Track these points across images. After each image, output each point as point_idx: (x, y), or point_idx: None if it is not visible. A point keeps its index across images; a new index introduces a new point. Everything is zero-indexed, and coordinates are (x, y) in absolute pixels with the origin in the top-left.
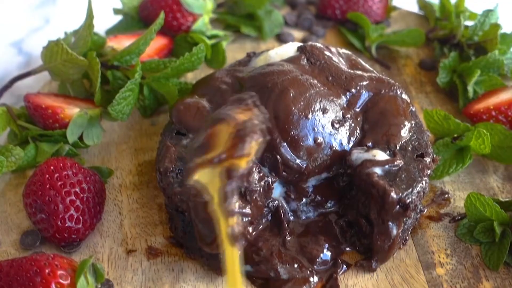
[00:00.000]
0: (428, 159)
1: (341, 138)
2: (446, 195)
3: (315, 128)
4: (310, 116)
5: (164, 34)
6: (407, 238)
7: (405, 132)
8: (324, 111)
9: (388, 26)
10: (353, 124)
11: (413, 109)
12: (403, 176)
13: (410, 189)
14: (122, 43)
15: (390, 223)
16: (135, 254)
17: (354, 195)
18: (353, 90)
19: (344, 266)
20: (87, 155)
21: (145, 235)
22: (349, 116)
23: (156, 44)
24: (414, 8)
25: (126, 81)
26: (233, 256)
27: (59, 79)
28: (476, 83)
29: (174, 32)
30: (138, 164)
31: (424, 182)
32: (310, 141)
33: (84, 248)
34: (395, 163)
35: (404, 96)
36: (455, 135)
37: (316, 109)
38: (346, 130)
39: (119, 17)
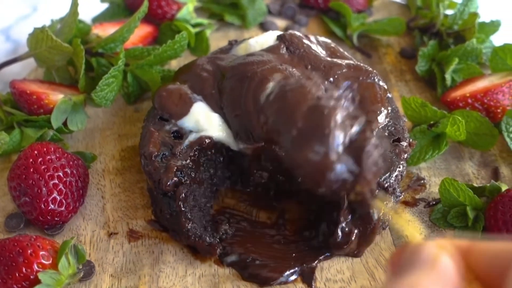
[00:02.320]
0: (404, 144)
1: None
2: (422, 181)
3: None
4: None
5: (149, 22)
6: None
7: (382, 118)
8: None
9: (371, 15)
10: None
11: (390, 96)
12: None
13: (388, 173)
14: (107, 30)
15: (370, 208)
16: (116, 237)
17: None
18: (331, 79)
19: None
20: (71, 140)
21: (127, 219)
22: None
23: (140, 32)
24: None
25: (110, 68)
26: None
27: (44, 66)
28: (454, 71)
29: (158, 20)
30: (121, 149)
31: (401, 166)
32: None
33: (67, 231)
34: None
35: (381, 83)
36: (432, 122)
37: None
38: None
39: (105, 5)
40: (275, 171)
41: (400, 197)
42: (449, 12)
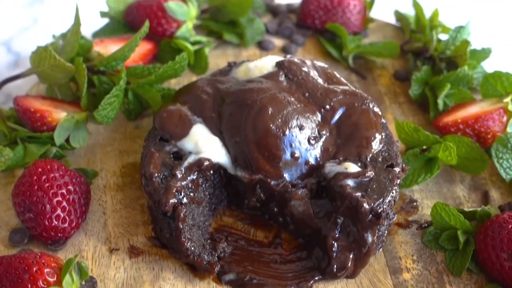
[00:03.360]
0: (397, 169)
1: (317, 154)
2: (415, 203)
3: (292, 144)
4: (287, 132)
5: (149, 39)
6: (385, 240)
7: (376, 144)
8: (301, 127)
9: (366, 37)
10: (328, 140)
11: (384, 121)
12: (374, 186)
13: (381, 199)
14: (108, 48)
15: (365, 232)
16: (117, 253)
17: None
18: (328, 107)
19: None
20: (73, 156)
21: (128, 235)
22: (324, 132)
23: (141, 49)
24: (392, 19)
25: (111, 85)
26: None
27: (47, 83)
28: (446, 96)
29: (158, 38)
30: (122, 166)
31: (394, 191)
32: (288, 156)
33: (70, 246)
34: (366, 174)
35: (376, 109)
36: (424, 147)
37: (293, 126)
38: (321, 146)
39: (105, 20)
40: (268, 202)
41: (394, 219)
42: (442, 36)
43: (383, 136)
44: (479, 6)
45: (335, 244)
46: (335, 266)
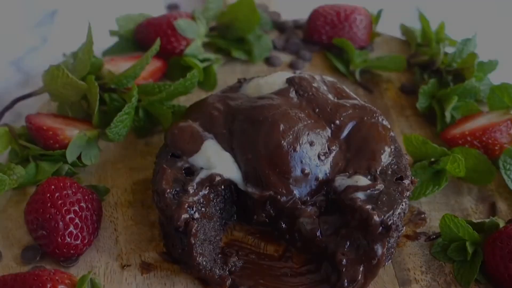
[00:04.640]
0: (407, 182)
1: (326, 169)
2: (423, 215)
3: (303, 160)
4: (298, 148)
5: (158, 57)
6: (394, 252)
7: (385, 157)
8: (311, 143)
9: (372, 51)
10: (337, 155)
11: (393, 134)
12: (384, 199)
13: (391, 211)
14: (118, 66)
15: (375, 244)
16: (129, 269)
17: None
18: (337, 122)
19: None
20: (84, 173)
21: (139, 251)
22: (334, 147)
23: (150, 67)
24: (397, 33)
25: (122, 103)
26: None
27: (58, 101)
28: (453, 108)
29: (168, 55)
30: (133, 182)
31: (404, 203)
32: (298, 172)
33: (82, 263)
34: (376, 187)
35: (385, 122)
36: (432, 159)
37: (304, 142)
38: (331, 161)
39: (114, 38)
40: (278, 218)
41: (402, 231)
42: (449, 49)
43: (392, 149)
44: (479, 10)
45: (344, 259)
46: (346, 280)
